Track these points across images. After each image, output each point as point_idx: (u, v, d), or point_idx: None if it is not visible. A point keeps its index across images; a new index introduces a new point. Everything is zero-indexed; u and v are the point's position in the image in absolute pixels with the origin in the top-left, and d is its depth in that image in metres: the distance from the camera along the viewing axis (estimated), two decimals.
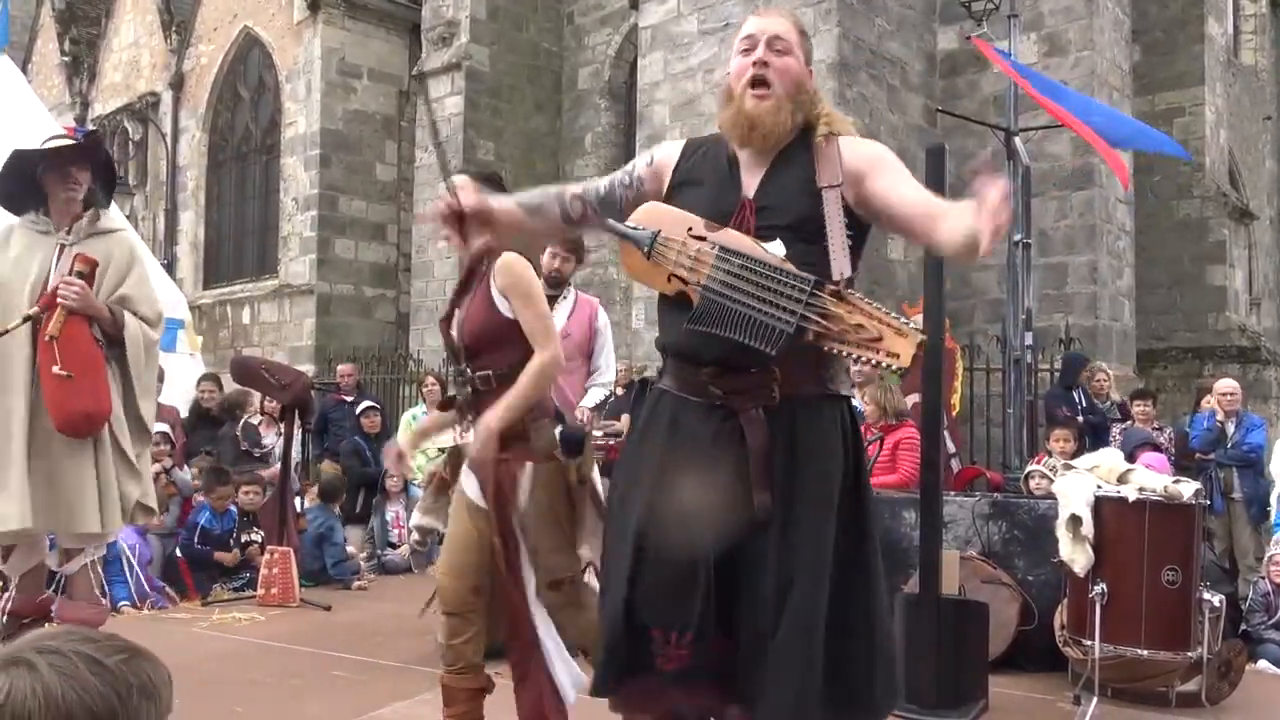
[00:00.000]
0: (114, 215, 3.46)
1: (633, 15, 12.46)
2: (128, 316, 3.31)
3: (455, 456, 3.06)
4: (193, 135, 17.46)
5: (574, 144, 15.03)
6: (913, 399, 6.30)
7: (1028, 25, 10.54)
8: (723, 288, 1.97)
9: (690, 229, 2.05)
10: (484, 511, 2.81)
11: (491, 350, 2.85)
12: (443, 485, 4.49)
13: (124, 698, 1.04)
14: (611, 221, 2.16)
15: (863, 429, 6.13)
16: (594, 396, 4.80)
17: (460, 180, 2.53)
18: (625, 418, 9.27)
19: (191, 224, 17.55)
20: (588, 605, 2.90)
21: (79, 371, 3.17)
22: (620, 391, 9.84)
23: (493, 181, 2.77)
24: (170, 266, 16.18)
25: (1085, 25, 10.88)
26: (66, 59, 20.04)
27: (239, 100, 17.13)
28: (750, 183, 2.16)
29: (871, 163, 2.14)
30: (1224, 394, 7.43)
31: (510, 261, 2.84)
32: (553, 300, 4.88)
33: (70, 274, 3.23)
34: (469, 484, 2.91)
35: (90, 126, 16.96)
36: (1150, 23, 13.91)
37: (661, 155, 2.29)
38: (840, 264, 2.00)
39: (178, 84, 17.63)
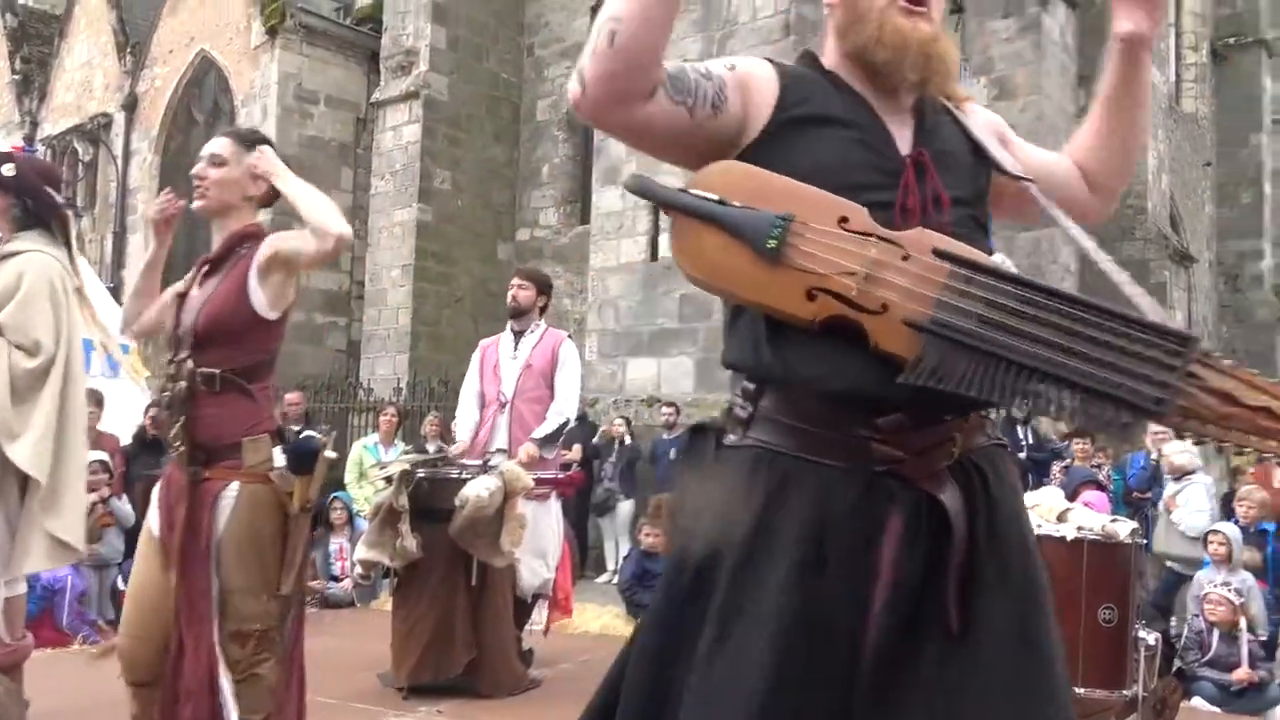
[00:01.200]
0: (27, 239, 3.29)
1: None
2: None
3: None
4: (144, 158, 17.25)
5: (531, 175, 15.07)
6: None
7: (978, 69, 10.79)
8: (990, 329, 1.28)
9: (844, 219, 1.34)
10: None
11: (226, 345, 2.50)
12: (390, 518, 4.48)
13: None
14: (686, 192, 1.38)
15: None
16: (548, 424, 4.79)
17: None
18: (577, 447, 9.30)
19: (141, 247, 17.29)
20: (266, 675, 2.47)
21: None
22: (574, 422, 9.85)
23: None
24: (116, 290, 15.91)
25: (1034, 70, 11.16)
26: (17, 77, 19.73)
27: (193, 124, 16.95)
28: (902, 135, 1.49)
29: (1002, 134, 1.66)
30: (1155, 433, 7.56)
31: (279, 234, 2.58)
32: (519, 335, 4.93)
33: None
34: (153, 514, 2.55)
35: (36, 147, 16.72)
36: (1096, 69, 14.28)
37: (747, 68, 1.49)
38: (1154, 311, 1.34)
39: (130, 105, 17.43)
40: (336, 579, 7.34)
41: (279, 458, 2.53)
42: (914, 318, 1.29)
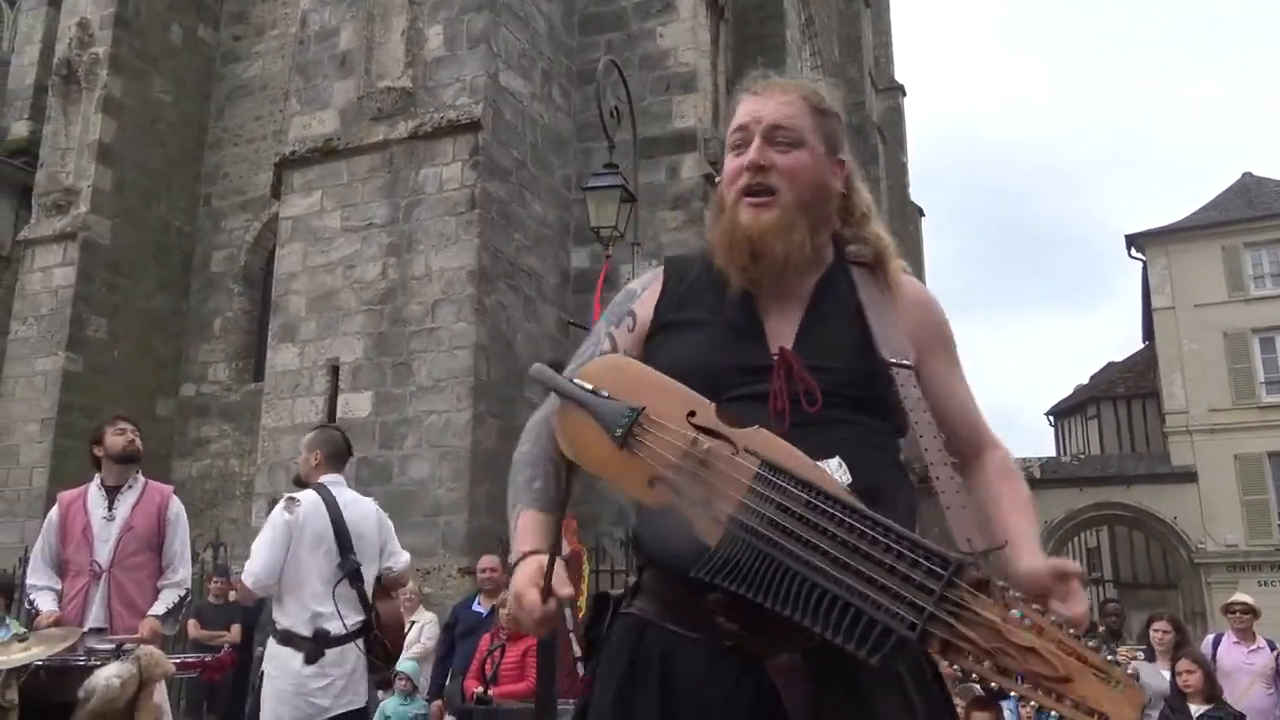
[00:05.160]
0: None
1: (275, 204, 12.31)
2: None
3: None
4: None
5: (201, 327, 14.24)
6: None
7: (649, 253, 11.65)
8: (774, 533, 1.26)
9: (692, 413, 1.38)
10: None
11: None
12: None
13: None
14: (570, 381, 1.45)
15: (488, 636, 6.06)
16: (166, 599, 4.30)
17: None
18: (236, 627, 8.53)
19: None
20: None
21: None
22: (233, 597, 9.04)
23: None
24: None
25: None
26: None
27: None
28: (782, 329, 1.51)
29: (937, 338, 1.60)
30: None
31: None
32: (114, 491, 4.29)
33: None
34: None
35: None
36: None
37: (642, 303, 1.61)
38: (963, 525, 1.31)
39: None
40: None
41: None
42: (718, 514, 1.32)
